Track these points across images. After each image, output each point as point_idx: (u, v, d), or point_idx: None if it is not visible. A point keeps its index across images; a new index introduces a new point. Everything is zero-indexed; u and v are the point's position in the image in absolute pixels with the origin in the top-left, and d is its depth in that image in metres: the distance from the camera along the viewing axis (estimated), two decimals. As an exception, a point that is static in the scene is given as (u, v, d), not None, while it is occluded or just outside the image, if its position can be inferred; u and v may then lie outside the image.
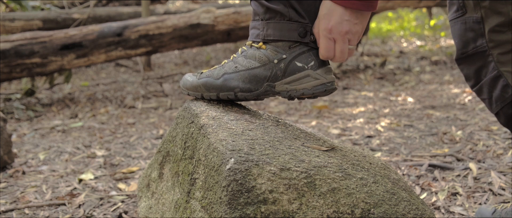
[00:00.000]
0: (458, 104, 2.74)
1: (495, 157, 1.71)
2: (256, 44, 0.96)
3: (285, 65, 0.93)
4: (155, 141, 2.33)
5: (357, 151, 1.00)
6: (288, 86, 0.93)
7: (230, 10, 3.74)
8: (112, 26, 3.43)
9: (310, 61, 0.92)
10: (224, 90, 0.97)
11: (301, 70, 0.92)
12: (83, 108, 3.33)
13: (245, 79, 0.95)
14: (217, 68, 0.99)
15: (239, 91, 0.96)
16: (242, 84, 0.95)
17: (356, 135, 2.18)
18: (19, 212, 1.49)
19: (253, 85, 0.95)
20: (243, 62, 0.96)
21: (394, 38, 6.87)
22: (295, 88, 0.93)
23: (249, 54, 0.96)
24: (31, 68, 3.25)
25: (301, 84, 0.93)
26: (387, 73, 4.14)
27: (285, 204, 0.77)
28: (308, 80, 0.92)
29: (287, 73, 0.93)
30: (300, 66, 0.92)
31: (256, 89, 0.95)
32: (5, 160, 1.92)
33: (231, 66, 0.97)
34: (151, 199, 1.10)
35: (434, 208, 1.35)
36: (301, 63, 0.92)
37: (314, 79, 0.92)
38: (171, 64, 5.58)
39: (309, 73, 0.92)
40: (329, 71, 0.93)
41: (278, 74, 0.93)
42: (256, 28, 0.96)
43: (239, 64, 0.96)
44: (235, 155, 0.79)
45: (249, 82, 0.95)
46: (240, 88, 0.95)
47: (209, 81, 0.98)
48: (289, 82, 0.93)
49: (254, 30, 0.97)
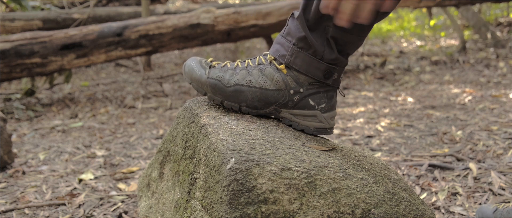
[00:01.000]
0: (458, 104, 2.74)
1: (495, 157, 1.71)
2: (278, 64, 0.94)
3: (299, 99, 0.93)
4: (155, 141, 2.33)
5: (357, 151, 1.00)
6: (293, 117, 0.95)
7: (230, 10, 3.74)
8: (112, 26, 3.43)
9: (322, 103, 0.94)
10: (231, 100, 0.95)
11: (311, 109, 0.94)
12: (83, 108, 3.33)
13: (255, 97, 0.94)
14: (229, 70, 0.96)
15: (245, 106, 0.95)
16: (250, 101, 0.94)
17: (356, 135, 2.18)
18: (19, 212, 1.49)
19: (260, 105, 0.95)
20: (259, 78, 0.94)
21: (394, 38, 6.87)
22: (298, 122, 0.95)
23: (266, 72, 0.94)
24: (31, 68, 3.25)
25: (305, 121, 0.95)
26: (387, 73, 4.14)
27: (286, 204, 0.77)
28: (313, 120, 0.95)
29: (298, 106, 0.94)
30: (312, 104, 0.94)
31: (261, 108, 0.95)
32: (5, 160, 1.92)
33: (244, 77, 0.94)
34: (151, 199, 1.10)
35: (434, 208, 1.35)
36: (314, 102, 0.94)
37: (319, 121, 0.94)
38: (171, 64, 5.58)
39: (317, 114, 0.94)
40: (333, 117, 0.96)
41: (289, 104, 0.94)
42: (284, 48, 0.93)
43: (253, 79, 0.94)
44: (236, 155, 0.79)
45: (258, 101, 0.94)
46: (246, 104, 0.95)
47: (218, 86, 0.95)
48: (296, 114, 0.95)
49: (280, 48, 0.94)
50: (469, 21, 5.79)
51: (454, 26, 5.65)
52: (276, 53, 0.95)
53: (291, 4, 3.84)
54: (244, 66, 0.97)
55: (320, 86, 0.93)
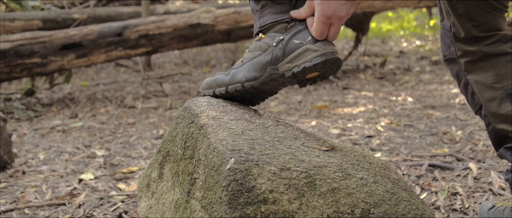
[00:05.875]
0: (458, 104, 2.74)
1: (495, 157, 1.71)
2: (257, 36, 0.99)
3: (283, 45, 0.94)
4: (155, 141, 2.33)
5: (357, 151, 1.00)
6: (290, 65, 0.93)
7: (230, 10, 3.74)
8: (112, 26, 3.43)
9: (308, 37, 0.92)
10: (232, 84, 1.00)
11: (300, 46, 0.92)
12: (83, 108, 3.33)
13: (250, 68, 0.97)
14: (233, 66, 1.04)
15: (245, 81, 0.98)
16: (247, 74, 0.97)
17: (356, 135, 2.18)
18: (19, 212, 1.49)
19: (258, 72, 0.96)
20: (248, 55, 0.99)
21: (394, 38, 6.87)
22: (297, 64, 0.92)
23: (252, 47, 0.99)
24: (31, 68, 3.25)
25: (301, 59, 0.92)
26: (387, 73, 4.14)
27: (285, 204, 0.77)
28: (308, 54, 0.91)
29: (287, 52, 0.93)
30: (297, 43, 0.93)
31: (261, 75, 0.96)
32: (5, 160, 1.92)
33: (238, 63, 1.01)
34: (151, 199, 1.10)
35: (434, 208, 1.35)
36: (299, 40, 0.93)
37: (313, 51, 0.91)
38: (171, 64, 5.58)
39: (308, 47, 0.92)
40: (329, 43, 0.92)
41: (279, 55, 0.94)
42: (255, 21, 1.00)
43: (245, 59, 1.00)
44: (235, 155, 0.79)
45: (254, 71, 0.97)
46: (246, 78, 0.97)
47: (220, 77, 1.03)
48: (290, 60, 0.93)
49: (254, 25, 1.00)
50: (469, 21, 5.77)
51: (454, 26, 5.64)
52: (254, 31, 1.01)
53: (291, 4, 3.83)
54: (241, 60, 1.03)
55: (298, 25, 0.94)
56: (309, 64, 0.90)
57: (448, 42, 1.09)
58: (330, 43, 0.93)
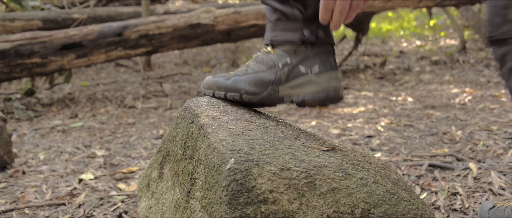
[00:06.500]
0: (458, 104, 2.74)
1: (495, 157, 1.71)
2: (266, 48, 0.98)
3: (289, 69, 0.92)
4: (155, 141, 2.33)
5: (357, 151, 1.00)
6: (291, 91, 0.92)
7: (230, 10, 3.74)
8: (112, 26, 3.43)
9: (314, 66, 0.90)
10: (231, 91, 1.00)
11: (304, 75, 0.90)
12: (83, 108, 3.33)
13: (251, 82, 0.97)
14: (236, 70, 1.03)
15: (244, 93, 0.98)
16: (248, 86, 0.97)
17: (356, 135, 2.18)
18: (19, 212, 1.49)
19: (258, 88, 0.96)
20: (254, 66, 0.98)
21: (394, 38, 6.87)
22: (297, 92, 0.91)
23: (259, 59, 0.98)
24: (31, 68, 3.25)
25: (302, 89, 0.90)
26: (387, 73, 4.14)
27: (285, 204, 0.77)
28: (310, 86, 0.89)
29: (290, 77, 0.92)
30: (303, 71, 0.90)
31: (260, 92, 0.96)
32: (5, 160, 1.92)
33: (242, 69, 1.00)
34: (151, 199, 1.10)
35: (434, 208, 1.35)
36: (305, 68, 0.90)
37: (316, 84, 0.89)
38: (171, 64, 5.58)
39: (311, 78, 0.89)
40: (335, 78, 0.89)
41: (282, 78, 0.93)
42: (268, 31, 0.97)
43: (249, 68, 0.99)
44: (235, 155, 0.79)
45: (255, 85, 0.96)
46: (245, 91, 0.97)
47: (220, 81, 1.02)
48: (292, 87, 0.92)
49: (266, 33, 0.98)
50: (469, 21, 5.79)
51: (454, 26, 5.65)
52: (265, 40, 0.99)
53: (291, 4, 3.83)
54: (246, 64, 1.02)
55: (307, 50, 0.91)
56: (309, 97, 0.89)
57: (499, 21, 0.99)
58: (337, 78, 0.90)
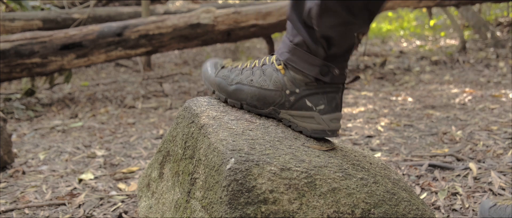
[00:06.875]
0: (458, 104, 2.74)
1: (495, 157, 1.71)
2: (277, 64, 0.94)
3: (295, 99, 0.92)
4: (155, 141, 2.33)
5: (357, 151, 1.00)
6: (291, 118, 0.94)
7: (230, 10, 3.74)
8: (112, 26, 3.43)
9: (320, 104, 0.91)
10: (233, 98, 0.98)
11: (309, 110, 0.92)
12: (83, 108, 3.33)
13: (254, 96, 0.95)
14: (236, 71, 0.99)
15: (245, 104, 0.97)
16: (250, 99, 0.96)
17: (356, 135, 2.18)
18: (19, 212, 1.49)
19: (260, 104, 0.95)
20: (259, 78, 0.95)
21: (394, 38, 6.87)
22: (297, 123, 0.93)
23: (267, 72, 0.95)
24: (31, 68, 3.25)
25: (303, 122, 0.93)
26: (387, 73, 4.14)
27: (286, 204, 0.77)
28: (311, 122, 0.92)
29: (295, 107, 0.93)
30: (309, 106, 0.91)
31: (261, 108, 0.96)
32: (5, 160, 1.92)
33: (247, 77, 0.97)
34: (151, 199, 1.10)
35: (434, 208, 1.35)
36: (311, 104, 0.91)
37: (317, 123, 0.91)
38: (171, 64, 5.58)
39: (315, 115, 0.91)
40: (335, 119, 0.92)
41: (286, 105, 0.93)
42: (284, 47, 0.94)
43: (255, 78, 0.96)
44: (236, 155, 0.79)
45: (257, 100, 0.95)
46: (247, 102, 0.97)
47: (222, 84, 1.00)
48: (294, 115, 0.93)
49: (282, 46, 0.95)
50: (469, 21, 5.79)
51: (454, 26, 5.65)
52: (278, 52, 0.96)
53: (291, 4, 3.83)
54: (251, 66, 0.98)
55: (317, 87, 0.91)
56: (307, 132, 0.93)
57: None
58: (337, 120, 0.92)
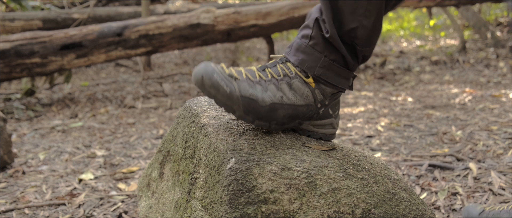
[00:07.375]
0: (458, 104, 2.74)
1: (495, 157, 1.71)
2: (305, 76, 0.89)
3: (323, 111, 0.94)
4: (155, 141, 2.33)
5: (357, 151, 1.00)
6: (312, 128, 0.95)
7: (230, 10, 3.74)
8: (112, 26, 3.43)
9: (337, 109, 0.96)
10: (263, 120, 0.86)
11: (329, 117, 0.95)
12: (83, 108, 3.33)
13: (287, 114, 0.87)
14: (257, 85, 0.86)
15: (274, 124, 0.88)
16: (281, 118, 0.87)
17: (356, 135, 2.18)
18: (19, 212, 1.49)
19: (288, 121, 0.89)
20: (289, 93, 0.87)
21: (394, 38, 6.87)
22: (317, 131, 0.96)
23: (295, 86, 0.88)
24: (31, 68, 3.25)
25: (322, 129, 0.96)
26: (387, 73, 4.14)
27: (286, 203, 0.77)
28: (328, 128, 0.96)
29: (320, 116, 0.94)
30: (330, 113, 0.95)
31: (287, 123, 0.90)
32: (5, 160, 1.92)
33: (275, 93, 0.86)
34: (151, 199, 1.10)
35: (434, 208, 1.35)
36: (332, 111, 0.96)
37: (332, 127, 0.97)
38: (171, 64, 5.58)
39: (332, 121, 0.96)
40: (338, 120, 0.99)
41: (314, 117, 0.93)
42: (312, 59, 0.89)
43: (285, 95, 0.87)
44: (236, 155, 0.79)
45: (288, 118, 0.88)
46: (277, 121, 0.87)
47: (252, 105, 0.84)
48: (315, 125, 0.95)
49: (306, 58, 0.89)
50: (469, 21, 5.79)
51: (454, 26, 5.65)
52: (303, 64, 0.89)
53: (291, 4, 3.84)
54: (268, 78, 0.88)
55: (338, 94, 0.95)
56: (326, 137, 0.97)
57: None
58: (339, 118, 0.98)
